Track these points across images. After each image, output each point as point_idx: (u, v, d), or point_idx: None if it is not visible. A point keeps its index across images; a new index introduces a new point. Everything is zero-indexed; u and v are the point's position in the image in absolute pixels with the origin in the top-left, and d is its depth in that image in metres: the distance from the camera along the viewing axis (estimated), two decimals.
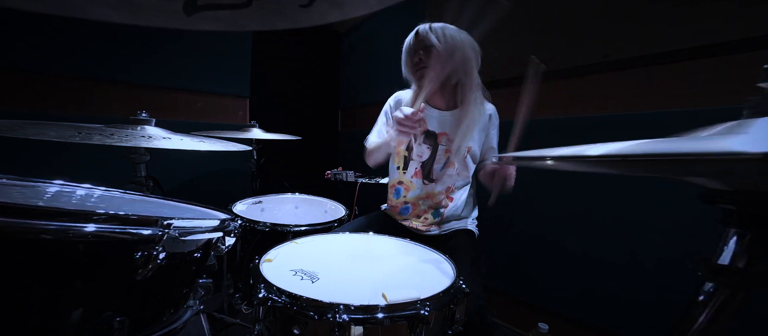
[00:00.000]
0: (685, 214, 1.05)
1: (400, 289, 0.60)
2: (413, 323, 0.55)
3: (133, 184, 1.05)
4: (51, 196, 0.72)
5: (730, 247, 0.39)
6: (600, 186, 1.26)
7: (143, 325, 0.56)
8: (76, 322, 0.47)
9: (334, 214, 1.31)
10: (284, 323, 0.56)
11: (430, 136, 1.07)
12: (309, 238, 0.90)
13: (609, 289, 1.24)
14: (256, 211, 1.34)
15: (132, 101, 1.76)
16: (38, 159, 1.44)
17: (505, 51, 1.57)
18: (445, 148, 1.05)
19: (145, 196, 0.86)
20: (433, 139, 1.07)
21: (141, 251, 0.49)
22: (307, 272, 0.68)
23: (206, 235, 0.61)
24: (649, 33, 1.14)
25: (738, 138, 0.34)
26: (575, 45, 1.32)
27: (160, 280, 0.56)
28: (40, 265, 0.45)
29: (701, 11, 1.03)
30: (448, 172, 1.06)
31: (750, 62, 0.93)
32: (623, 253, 1.20)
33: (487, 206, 1.14)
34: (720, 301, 0.39)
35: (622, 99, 1.23)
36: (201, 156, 1.91)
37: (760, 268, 0.37)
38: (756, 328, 0.83)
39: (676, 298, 1.07)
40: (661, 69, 1.13)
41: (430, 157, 1.07)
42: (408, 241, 0.90)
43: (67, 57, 1.56)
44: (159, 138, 0.92)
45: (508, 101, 1.58)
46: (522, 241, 1.51)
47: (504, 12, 0.82)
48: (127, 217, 0.49)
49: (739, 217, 0.39)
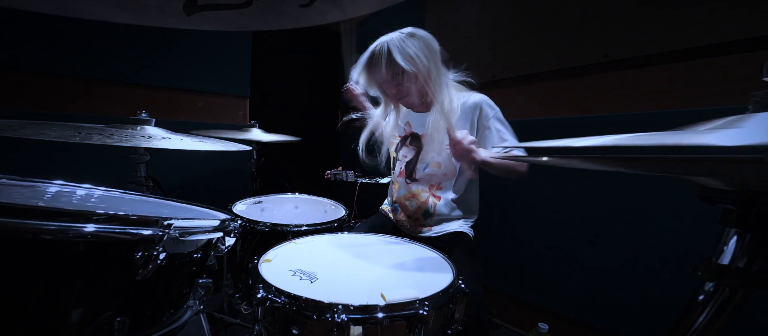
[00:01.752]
0: (685, 214, 1.05)
1: (399, 289, 0.60)
2: (412, 323, 0.55)
3: (133, 184, 1.05)
4: (51, 196, 0.72)
5: (729, 247, 0.39)
6: (600, 186, 1.25)
7: (143, 325, 0.56)
8: (76, 322, 0.47)
9: (334, 214, 1.31)
10: (283, 323, 0.56)
11: (415, 138, 1.10)
12: (307, 239, 0.90)
13: (609, 288, 1.24)
14: (256, 211, 1.34)
15: (132, 101, 1.76)
16: (38, 159, 1.44)
17: (505, 51, 1.57)
18: (428, 149, 1.07)
19: (145, 196, 0.86)
20: (418, 141, 1.10)
21: (141, 251, 0.49)
22: (305, 272, 0.68)
23: (206, 235, 0.62)
24: (649, 33, 1.14)
25: (730, 131, 0.34)
26: (575, 45, 1.32)
27: (160, 281, 0.56)
28: (40, 265, 0.45)
29: (701, 11, 1.03)
30: (431, 172, 1.07)
31: (750, 62, 0.93)
32: (623, 253, 1.20)
33: (486, 210, 1.14)
34: (720, 301, 0.39)
35: (622, 99, 1.23)
36: (201, 156, 1.91)
37: (759, 268, 0.37)
38: (755, 327, 0.83)
39: (676, 297, 1.07)
40: (661, 69, 1.13)
41: (414, 157, 1.10)
42: (407, 240, 0.90)
43: (67, 57, 1.56)
44: (159, 138, 0.92)
45: (508, 101, 1.59)
46: (522, 240, 1.51)
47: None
48: (127, 218, 0.49)
49: (738, 217, 0.39)
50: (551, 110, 1.44)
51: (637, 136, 0.34)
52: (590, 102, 1.32)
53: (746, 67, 0.94)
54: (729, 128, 0.35)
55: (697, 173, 0.40)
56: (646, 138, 0.33)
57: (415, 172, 1.09)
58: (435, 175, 1.07)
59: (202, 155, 1.89)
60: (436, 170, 1.06)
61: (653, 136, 0.34)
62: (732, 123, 0.35)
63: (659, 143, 0.31)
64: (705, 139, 0.31)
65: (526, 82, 1.52)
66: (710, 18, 1.01)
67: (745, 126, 0.34)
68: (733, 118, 0.37)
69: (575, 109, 1.36)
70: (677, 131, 0.38)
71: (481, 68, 1.63)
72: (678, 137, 0.33)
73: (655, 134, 0.35)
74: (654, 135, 0.34)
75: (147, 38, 1.77)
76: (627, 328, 1.19)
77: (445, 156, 1.04)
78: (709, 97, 1.03)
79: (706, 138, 0.32)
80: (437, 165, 1.06)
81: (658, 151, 0.31)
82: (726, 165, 0.32)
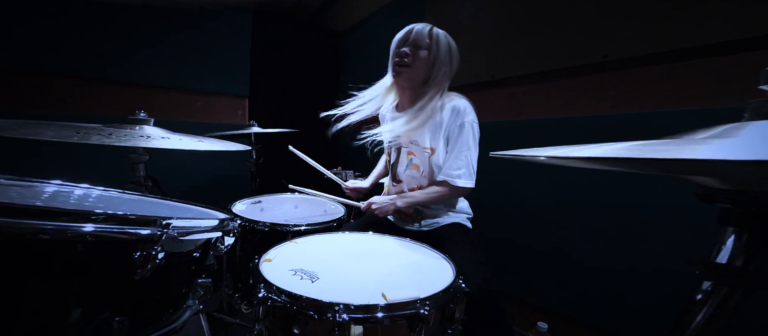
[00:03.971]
0: (685, 213, 1.05)
1: (400, 289, 0.60)
2: (413, 322, 0.55)
3: (132, 184, 1.05)
4: (49, 195, 0.72)
5: (727, 246, 0.39)
6: (599, 185, 1.26)
7: (142, 325, 0.56)
8: (75, 322, 0.47)
9: (334, 214, 1.31)
10: (284, 323, 0.56)
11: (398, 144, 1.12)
12: (308, 238, 0.90)
13: (608, 288, 1.24)
14: (255, 210, 1.33)
15: (131, 101, 1.75)
16: (36, 158, 1.44)
17: (505, 51, 1.57)
18: (407, 151, 1.09)
19: (143, 195, 0.86)
20: (399, 145, 1.11)
21: (140, 251, 0.49)
22: (306, 272, 0.67)
23: (205, 234, 0.61)
24: (649, 33, 1.14)
25: (727, 141, 0.35)
26: (575, 45, 1.33)
27: (159, 280, 0.56)
28: (39, 265, 0.45)
29: (701, 11, 1.03)
30: (411, 174, 1.09)
31: (750, 62, 0.94)
32: (622, 252, 1.20)
33: (485, 209, 1.14)
34: (718, 300, 0.39)
35: (622, 99, 1.23)
36: (200, 156, 1.90)
37: (757, 267, 0.37)
38: (755, 327, 0.84)
39: (676, 297, 1.08)
40: (660, 69, 1.13)
41: (396, 159, 1.12)
42: (408, 240, 0.90)
43: (66, 56, 1.56)
44: (158, 138, 0.92)
45: (508, 101, 1.59)
46: (521, 240, 1.51)
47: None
48: (126, 217, 0.49)
49: (737, 216, 0.39)
50: (550, 110, 1.45)
51: (634, 147, 0.34)
52: (589, 102, 1.32)
53: (746, 67, 0.94)
54: (726, 138, 0.35)
55: (696, 173, 0.40)
56: (643, 150, 0.33)
57: (398, 174, 1.12)
58: (415, 178, 1.08)
59: (201, 155, 1.88)
60: (416, 173, 1.07)
61: (650, 148, 0.34)
62: (729, 132, 0.36)
63: (656, 157, 0.31)
64: (702, 153, 0.31)
65: (525, 82, 1.52)
66: (710, 18, 1.01)
67: (740, 135, 0.35)
68: (730, 126, 0.37)
69: (575, 109, 1.36)
70: (675, 140, 0.38)
71: (481, 68, 1.63)
72: (675, 151, 0.33)
73: (652, 144, 0.35)
74: (651, 146, 0.35)
75: (146, 38, 1.77)
76: (627, 327, 1.19)
77: (423, 159, 1.05)
78: (709, 97, 1.03)
79: (703, 151, 0.32)
80: (416, 167, 1.07)
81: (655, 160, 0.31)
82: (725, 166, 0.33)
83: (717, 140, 0.36)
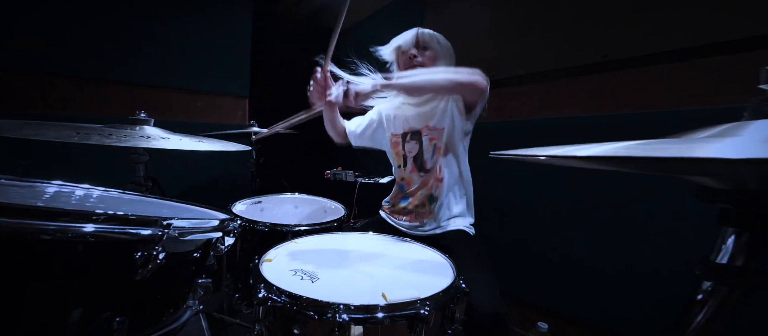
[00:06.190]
0: (685, 213, 1.05)
1: (400, 289, 0.60)
2: (413, 323, 0.55)
3: (132, 184, 1.05)
4: (50, 196, 0.72)
5: (727, 246, 0.39)
6: (599, 185, 1.26)
7: (143, 325, 0.56)
8: (75, 322, 0.47)
9: (333, 214, 1.31)
10: (284, 323, 0.56)
11: (415, 133, 1.13)
12: (308, 238, 0.90)
13: (608, 288, 1.24)
14: (255, 211, 1.33)
15: (131, 101, 1.75)
16: (36, 159, 1.44)
17: (505, 51, 1.57)
18: (429, 138, 1.10)
19: (144, 196, 0.86)
20: (418, 134, 1.12)
21: (140, 251, 0.49)
22: (306, 272, 0.68)
23: (206, 235, 0.61)
24: (648, 33, 1.14)
25: (728, 140, 0.35)
26: (574, 45, 1.33)
27: (159, 280, 0.56)
28: (39, 265, 0.45)
29: (701, 11, 1.03)
30: (439, 159, 1.10)
31: (750, 62, 0.94)
32: (622, 252, 1.20)
33: (486, 209, 1.14)
34: (718, 300, 0.39)
35: (622, 99, 1.23)
36: (200, 156, 1.90)
37: (757, 267, 0.37)
38: (755, 327, 0.84)
39: (675, 297, 1.08)
40: (660, 69, 1.13)
41: (419, 150, 1.12)
42: (408, 240, 0.90)
43: (66, 56, 1.56)
44: (158, 138, 0.92)
45: (507, 101, 1.59)
46: (521, 240, 1.52)
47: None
48: (127, 217, 0.49)
49: (737, 216, 0.39)
50: (550, 110, 1.45)
51: (634, 147, 0.34)
52: (589, 102, 1.32)
53: (746, 67, 0.94)
54: (727, 137, 0.35)
55: (696, 173, 0.40)
56: (643, 150, 0.33)
57: (426, 163, 1.11)
58: (442, 161, 1.09)
59: (201, 155, 1.88)
60: (441, 158, 1.09)
61: (650, 148, 0.34)
62: (729, 132, 0.36)
63: (657, 155, 0.31)
64: (702, 153, 0.31)
65: (525, 82, 1.53)
66: (709, 18, 1.01)
67: (742, 135, 0.35)
68: (730, 126, 0.37)
69: (574, 109, 1.36)
70: (675, 139, 0.38)
71: (481, 68, 1.63)
72: (675, 151, 0.33)
73: (652, 144, 0.35)
74: (651, 146, 0.35)
75: (146, 38, 1.77)
76: (627, 327, 1.19)
77: (443, 142, 1.08)
78: (708, 97, 1.03)
79: (703, 151, 0.32)
80: (440, 151, 1.08)
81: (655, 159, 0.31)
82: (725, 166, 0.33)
83: (717, 140, 0.36)
